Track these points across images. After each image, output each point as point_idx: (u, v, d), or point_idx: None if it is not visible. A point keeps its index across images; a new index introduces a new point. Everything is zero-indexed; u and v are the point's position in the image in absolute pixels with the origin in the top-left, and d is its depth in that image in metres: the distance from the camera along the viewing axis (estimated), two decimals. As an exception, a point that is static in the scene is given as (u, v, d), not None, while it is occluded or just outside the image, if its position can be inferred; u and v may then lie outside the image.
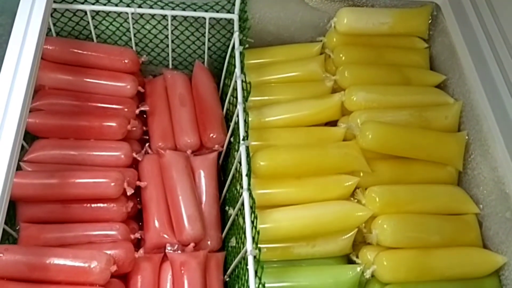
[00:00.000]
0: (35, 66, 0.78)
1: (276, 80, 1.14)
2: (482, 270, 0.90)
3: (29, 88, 0.75)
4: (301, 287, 0.91)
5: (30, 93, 0.76)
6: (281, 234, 0.92)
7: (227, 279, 0.99)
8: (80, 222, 0.96)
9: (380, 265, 0.89)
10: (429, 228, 0.91)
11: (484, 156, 0.95)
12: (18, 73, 0.76)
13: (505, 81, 0.96)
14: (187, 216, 0.99)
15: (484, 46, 1.03)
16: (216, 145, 1.11)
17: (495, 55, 1.01)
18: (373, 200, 0.93)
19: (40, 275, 0.82)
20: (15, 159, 0.69)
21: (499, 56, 1.00)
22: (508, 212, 0.87)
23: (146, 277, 0.93)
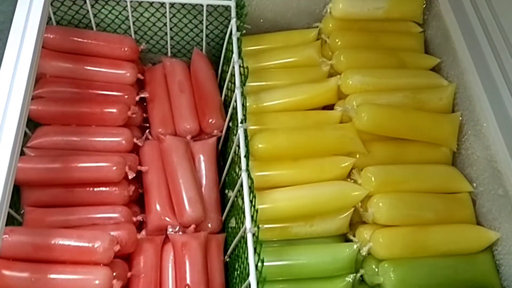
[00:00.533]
0: (37, 55, 0.80)
1: (274, 65, 1.16)
2: (475, 246, 0.92)
3: (31, 76, 0.77)
4: (300, 265, 0.93)
5: (32, 81, 0.78)
6: (279, 214, 0.95)
7: (227, 259, 1.02)
8: (83, 205, 0.99)
9: (376, 242, 0.91)
10: (423, 206, 0.94)
11: (477, 135, 0.97)
12: (20, 62, 0.78)
13: (497, 62, 0.97)
14: (188, 198, 1.01)
15: (477, 29, 1.05)
16: (215, 130, 1.13)
17: (488, 38, 1.03)
18: (368, 179, 0.95)
19: (45, 255, 0.84)
20: (19, 145, 0.71)
21: (492, 39, 1.02)
22: (500, 189, 0.90)
23: (149, 258, 0.95)
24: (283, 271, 0.93)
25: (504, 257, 0.90)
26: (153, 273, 0.94)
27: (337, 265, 0.93)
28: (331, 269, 0.93)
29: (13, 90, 0.75)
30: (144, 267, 0.94)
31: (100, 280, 0.84)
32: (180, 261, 0.94)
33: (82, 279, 0.83)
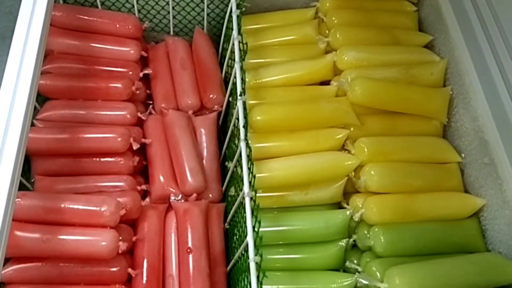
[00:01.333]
0: (45, 32, 0.84)
1: (272, 43, 1.20)
2: (462, 212, 0.97)
3: (40, 53, 0.81)
4: (295, 230, 0.98)
5: (41, 57, 0.82)
6: (276, 182, 1.00)
7: (227, 226, 1.07)
8: (90, 175, 1.04)
9: (368, 208, 0.96)
10: (413, 174, 0.98)
11: (466, 108, 1.01)
12: (29, 39, 0.82)
13: (486, 38, 1.01)
14: (189, 169, 1.06)
15: (469, 8, 1.09)
16: (215, 105, 1.18)
17: (478, 16, 1.06)
18: (361, 150, 1.00)
19: (55, 218, 0.89)
20: (29, 117, 0.76)
21: (482, 17, 1.06)
22: (486, 158, 0.94)
23: (152, 224, 1.00)
24: (280, 236, 0.98)
25: (489, 222, 0.95)
26: (156, 238, 0.99)
27: (331, 231, 0.97)
28: (325, 234, 0.98)
29: (23, 66, 0.79)
30: (148, 232, 0.99)
31: (107, 242, 0.89)
32: (182, 227, 0.99)
33: (90, 240, 0.89)
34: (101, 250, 0.89)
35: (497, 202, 0.92)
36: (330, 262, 0.98)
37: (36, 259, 0.89)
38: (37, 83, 0.80)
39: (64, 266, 0.90)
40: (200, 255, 0.95)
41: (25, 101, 0.76)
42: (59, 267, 0.89)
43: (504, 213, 0.90)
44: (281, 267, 0.98)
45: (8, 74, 0.78)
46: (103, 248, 0.89)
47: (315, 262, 0.98)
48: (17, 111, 0.75)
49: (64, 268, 0.90)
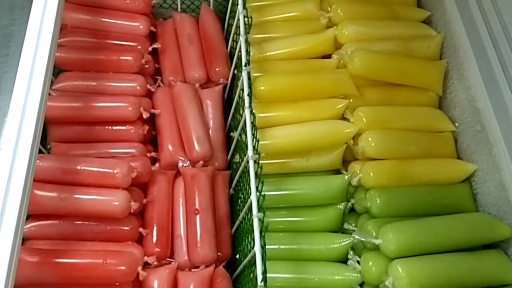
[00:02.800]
0: (61, 7, 0.89)
1: (275, 19, 1.25)
2: (455, 177, 1.02)
3: (56, 27, 0.86)
4: (296, 194, 1.04)
5: (57, 31, 0.86)
6: (278, 149, 1.05)
7: (232, 192, 1.13)
8: (103, 142, 1.10)
9: (365, 173, 1.01)
10: (409, 141, 1.03)
11: (460, 79, 1.06)
12: (46, 13, 0.87)
13: (480, 11, 1.06)
14: (196, 137, 1.11)
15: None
16: (221, 78, 1.23)
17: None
18: (360, 118, 1.05)
19: (71, 178, 0.95)
20: (47, 86, 0.81)
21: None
22: (478, 125, 0.99)
23: (162, 187, 1.06)
24: (281, 199, 1.04)
25: (480, 186, 1.00)
26: (165, 200, 1.05)
27: (330, 194, 1.03)
28: (324, 197, 1.03)
29: (41, 39, 0.84)
30: (157, 195, 1.05)
31: (120, 201, 0.95)
32: (190, 190, 1.05)
33: (104, 200, 0.95)
34: (114, 209, 0.95)
35: (487, 166, 0.97)
36: (329, 224, 1.04)
37: (54, 217, 0.95)
38: (54, 55, 0.84)
39: (80, 224, 0.96)
40: (207, 216, 1.02)
41: (43, 70, 0.81)
42: (75, 224, 0.96)
43: (494, 176, 0.95)
44: (283, 228, 1.04)
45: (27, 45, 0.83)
46: (116, 207, 0.95)
47: (315, 224, 1.04)
48: (37, 80, 0.81)
49: (80, 226, 0.96)
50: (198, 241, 0.99)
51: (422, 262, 0.86)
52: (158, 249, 0.99)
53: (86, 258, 0.87)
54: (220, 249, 1.02)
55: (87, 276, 0.86)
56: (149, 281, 0.93)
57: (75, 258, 0.87)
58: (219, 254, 1.01)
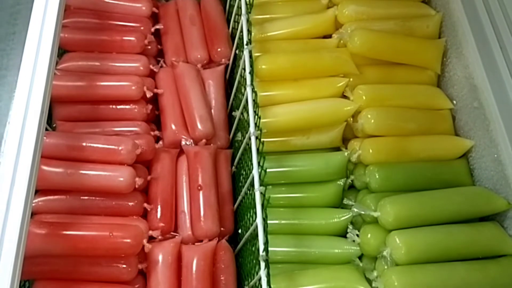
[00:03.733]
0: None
1: (276, 0, 1.26)
2: (453, 153, 1.04)
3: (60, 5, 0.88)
4: (297, 170, 1.06)
5: (61, 13, 0.89)
6: (279, 127, 1.07)
7: (234, 169, 1.15)
8: (107, 120, 1.12)
9: (365, 150, 1.03)
10: (407, 118, 1.05)
11: (458, 57, 1.08)
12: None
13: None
14: (199, 116, 1.13)
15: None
16: (223, 58, 1.25)
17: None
18: (359, 96, 1.07)
19: (77, 154, 0.98)
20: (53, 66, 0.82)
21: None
22: (475, 102, 1.01)
23: (165, 165, 1.09)
24: (283, 176, 1.07)
25: (477, 161, 1.02)
26: (169, 177, 1.08)
27: (330, 171, 1.05)
28: (324, 174, 1.06)
29: (46, 16, 0.86)
30: (161, 172, 1.07)
31: (125, 177, 0.97)
32: (193, 167, 1.07)
33: (109, 175, 0.97)
34: (119, 185, 0.97)
35: (484, 142, 0.99)
36: (329, 200, 1.06)
37: (61, 192, 0.98)
38: (59, 35, 0.86)
39: (86, 199, 0.98)
40: (210, 192, 1.04)
41: (49, 47, 0.83)
42: (81, 199, 0.98)
43: (490, 151, 0.97)
44: (284, 204, 1.07)
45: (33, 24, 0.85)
46: (121, 183, 0.97)
47: (315, 200, 1.07)
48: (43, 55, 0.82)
49: (86, 201, 0.98)
50: (201, 215, 1.01)
51: (419, 233, 0.88)
52: (162, 223, 1.01)
53: (93, 230, 0.90)
54: (222, 224, 1.05)
55: (94, 248, 0.89)
56: (154, 254, 0.96)
57: (82, 230, 0.90)
58: (222, 229, 1.04)
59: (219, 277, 0.98)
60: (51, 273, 0.90)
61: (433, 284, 0.83)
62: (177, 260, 0.97)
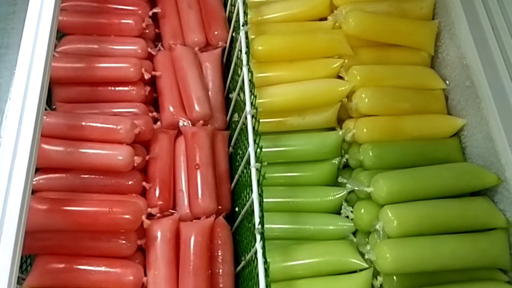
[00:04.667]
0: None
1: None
2: (445, 131, 1.07)
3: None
4: (293, 150, 1.08)
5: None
6: (275, 107, 1.09)
7: (231, 150, 1.17)
8: (106, 102, 1.14)
9: (359, 129, 1.05)
10: (401, 98, 1.07)
11: (451, 38, 1.10)
12: None
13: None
14: (196, 98, 1.15)
15: None
16: (220, 42, 1.26)
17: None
18: (354, 76, 1.09)
19: (77, 134, 1.00)
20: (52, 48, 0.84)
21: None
22: (467, 81, 1.03)
23: (164, 145, 1.11)
24: (279, 155, 1.09)
25: (469, 139, 1.04)
26: (167, 157, 1.09)
27: (325, 150, 1.08)
28: (319, 153, 1.08)
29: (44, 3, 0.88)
30: (159, 152, 1.09)
31: (123, 156, 0.99)
32: (190, 147, 1.09)
33: (109, 154, 0.99)
34: (118, 163, 0.99)
35: (476, 120, 1.01)
36: (324, 179, 1.08)
37: (61, 170, 1.00)
38: (57, 18, 0.87)
39: (86, 177, 1.00)
40: (207, 171, 1.06)
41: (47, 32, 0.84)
42: (81, 178, 1.00)
43: (481, 129, 0.99)
44: (280, 183, 1.09)
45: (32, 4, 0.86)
46: (120, 161, 0.99)
47: (311, 179, 1.09)
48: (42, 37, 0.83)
49: (86, 179, 1.00)
50: (199, 193, 1.03)
51: (411, 207, 0.90)
52: (161, 201, 1.03)
53: (93, 206, 0.92)
54: (220, 203, 1.07)
55: (94, 223, 0.91)
56: (153, 230, 0.98)
57: (83, 206, 0.92)
58: (219, 207, 1.06)
59: (217, 253, 1.00)
60: (52, 248, 0.93)
61: (424, 255, 0.85)
62: (175, 236, 0.99)
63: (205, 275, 0.95)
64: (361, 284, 0.89)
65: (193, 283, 0.93)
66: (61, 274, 0.90)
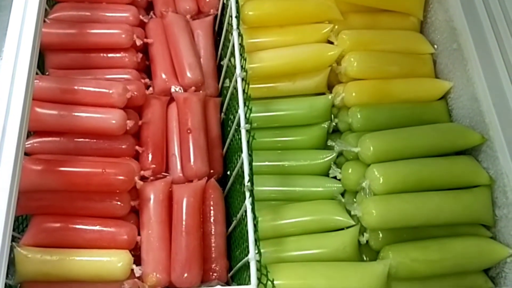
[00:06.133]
0: None
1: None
2: (432, 94, 1.09)
3: None
4: (283, 114, 1.11)
5: None
6: (266, 72, 1.11)
7: (223, 117, 1.19)
8: (99, 68, 1.15)
9: (348, 92, 1.07)
10: (390, 61, 1.09)
11: (440, 2, 1.11)
12: None
13: None
14: (188, 64, 1.16)
15: None
16: (211, 9, 1.27)
17: None
18: (343, 41, 1.10)
19: (70, 98, 1.01)
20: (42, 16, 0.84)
21: None
22: (455, 44, 1.04)
23: (156, 110, 1.12)
24: (270, 120, 1.11)
25: (455, 101, 1.06)
26: (160, 122, 1.11)
27: (315, 114, 1.10)
28: (309, 117, 1.10)
29: None
30: (152, 117, 1.11)
31: (116, 119, 1.01)
32: (182, 112, 1.11)
33: (102, 117, 1.00)
34: (111, 127, 1.01)
35: (462, 82, 1.03)
36: (314, 143, 1.11)
37: (55, 134, 1.01)
38: None
39: (80, 141, 1.02)
40: (199, 135, 1.08)
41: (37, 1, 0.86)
42: (75, 141, 1.02)
43: (467, 91, 1.01)
44: (271, 147, 1.11)
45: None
46: (113, 125, 1.01)
47: (301, 143, 1.11)
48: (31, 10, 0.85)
49: (79, 142, 1.02)
50: (191, 157, 1.05)
51: (396, 165, 0.93)
52: (153, 165, 1.05)
53: (86, 167, 0.94)
54: (212, 167, 1.09)
55: (88, 183, 0.93)
56: (146, 192, 1.00)
57: (76, 167, 0.94)
58: (211, 171, 1.08)
59: (209, 213, 1.02)
60: (47, 208, 0.95)
61: (408, 211, 0.88)
62: (168, 198, 1.01)
63: (197, 235, 0.97)
64: (348, 240, 0.92)
65: (186, 241, 0.95)
66: (56, 232, 0.93)
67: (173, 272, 0.94)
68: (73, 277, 0.90)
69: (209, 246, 1.00)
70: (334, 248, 0.91)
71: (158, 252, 0.95)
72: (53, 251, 0.90)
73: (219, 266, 0.99)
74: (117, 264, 0.91)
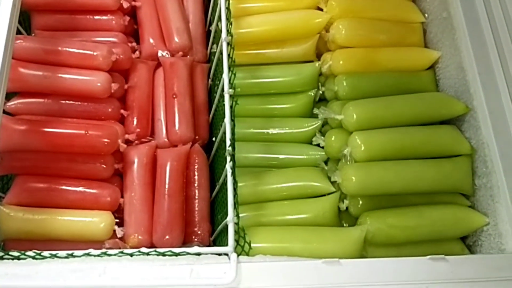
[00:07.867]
0: None
1: None
2: (420, 64, 1.08)
3: None
4: (270, 81, 1.10)
5: None
6: (253, 37, 1.10)
7: (210, 83, 1.18)
8: (85, 30, 1.14)
9: (335, 60, 1.06)
10: (379, 29, 1.07)
11: (432, -30, 1.09)
12: None
13: None
14: (176, 28, 1.15)
15: None
16: (201, -26, 1.25)
17: None
18: (333, 8, 1.08)
19: (54, 58, 1.00)
20: None
21: None
22: (444, 12, 1.03)
23: (142, 75, 1.11)
24: (256, 87, 1.10)
25: (443, 71, 1.05)
26: (146, 87, 1.11)
27: (301, 81, 1.09)
28: (296, 84, 1.09)
29: None
30: (138, 81, 1.10)
31: (101, 82, 1.00)
32: (168, 77, 1.10)
33: (86, 80, 1.00)
34: (95, 89, 1.00)
35: (450, 51, 1.02)
36: (300, 110, 1.10)
37: (39, 95, 1.01)
38: None
39: (64, 103, 1.02)
40: (185, 100, 1.07)
41: None
42: (59, 103, 1.01)
43: (454, 60, 1.00)
44: (257, 114, 1.11)
45: None
46: (98, 87, 1.00)
47: (287, 110, 1.11)
48: None
49: (64, 104, 1.02)
50: (176, 122, 1.05)
51: (378, 133, 0.93)
52: (138, 129, 1.05)
53: (69, 128, 0.94)
54: (197, 133, 1.09)
55: (70, 145, 0.94)
56: (130, 155, 1.01)
57: (59, 128, 0.94)
58: (197, 137, 1.08)
59: (193, 178, 1.03)
60: (31, 168, 0.95)
61: (388, 178, 0.88)
62: (152, 162, 1.02)
63: (180, 198, 0.98)
64: (328, 206, 0.93)
65: (168, 204, 0.96)
66: (39, 192, 0.94)
67: (155, 234, 0.95)
68: (56, 236, 0.91)
69: (192, 210, 1.01)
70: (314, 214, 0.92)
71: (141, 214, 0.97)
72: (36, 210, 0.91)
73: (201, 230, 1.00)
74: (100, 224, 0.92)
